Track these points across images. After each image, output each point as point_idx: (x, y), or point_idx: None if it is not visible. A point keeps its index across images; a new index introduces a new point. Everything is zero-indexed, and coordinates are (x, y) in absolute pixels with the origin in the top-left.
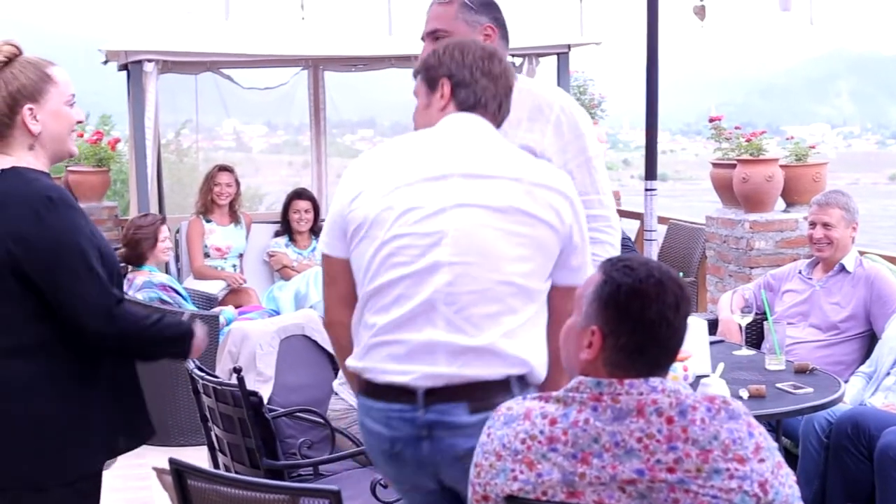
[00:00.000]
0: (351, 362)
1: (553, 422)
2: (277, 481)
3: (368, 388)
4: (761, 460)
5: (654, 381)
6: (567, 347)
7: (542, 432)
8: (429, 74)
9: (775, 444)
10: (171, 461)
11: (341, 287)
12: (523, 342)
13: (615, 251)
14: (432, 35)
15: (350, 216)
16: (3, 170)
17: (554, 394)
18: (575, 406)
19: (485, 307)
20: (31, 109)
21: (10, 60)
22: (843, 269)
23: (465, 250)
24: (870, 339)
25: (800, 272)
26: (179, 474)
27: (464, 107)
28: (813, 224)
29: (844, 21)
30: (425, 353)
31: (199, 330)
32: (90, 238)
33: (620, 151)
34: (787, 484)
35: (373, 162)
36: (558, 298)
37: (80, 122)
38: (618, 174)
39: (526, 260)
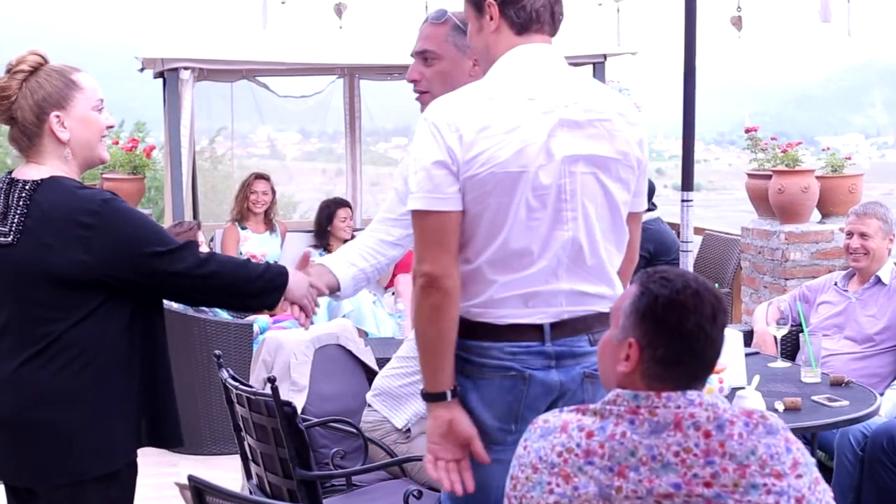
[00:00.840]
0: (467, 307)
1: (590, 434)
2: None
3: (487, 330)
4: (799, 476)
5: (692, 394)
6: (603, 361)
7: (578, 445)
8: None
9: (813, 460)
10: (190, 479)
11: (453, 244)
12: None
13: None
14: (421, 55)
15: (471, 163)
16: (42, 179)
17: (591, 406)
18: (612, 419)
19: (603, 253)
20: (57, 117)
21: (35, 70)
22: (878, 280)
23: (588, 202)
24: None
25: (835, 284)
26: (199, 492)
27: (518, 27)
28: (850, 234)
29: (879, 31)
30: (550, 298)
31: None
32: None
33: (654, 161)
34: (824, 500)
35: (476, 112)
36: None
37: (110, 126)
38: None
39: (626, 203)
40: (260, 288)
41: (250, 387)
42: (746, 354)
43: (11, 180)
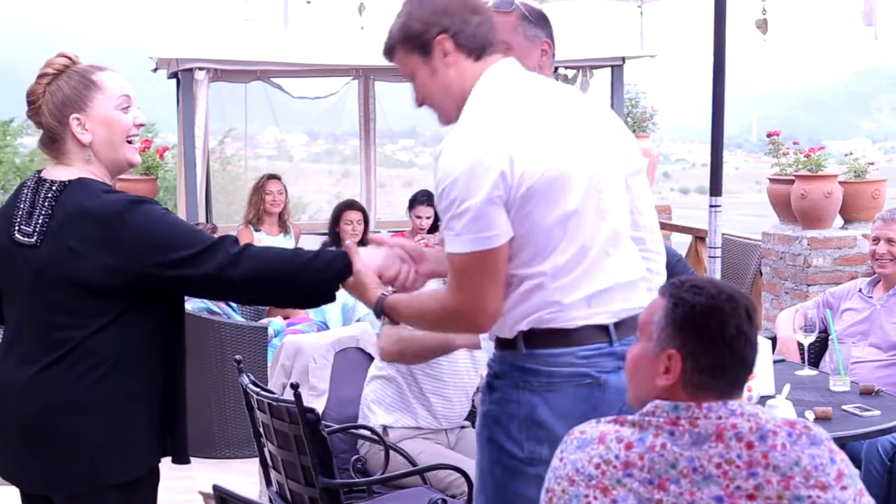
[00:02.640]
0: (535, 319)
1: (629, 446)
2: None
3: (557, 336)
4: (843, 487)
5: (733, 404)
6: (638, 376)
7: (617, 457)
8: (416, 42)
9: (857, 471)
10: (215, 488)
11: (503, 273)
12: None
13: None
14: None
15: (516, 183)
16: (70, 181)
17: (629, 417)
18: (651, 430)
19: (629, 244)
20: (77, 119)
21: (60, 72)
22: None
23: (612, 198)
24: None
25: (860, 291)
26: (223, 501)
27: (475, 54)
28: (876, 240)
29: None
30: (608, 295)
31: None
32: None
33: (661, 164)
34: None
35: (509, 131)
36: None
37: (140, 125)
38: (658, 187)
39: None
40: (311, 279)
41: (272, 393)
42: (773, 362)
43: (40, 179)
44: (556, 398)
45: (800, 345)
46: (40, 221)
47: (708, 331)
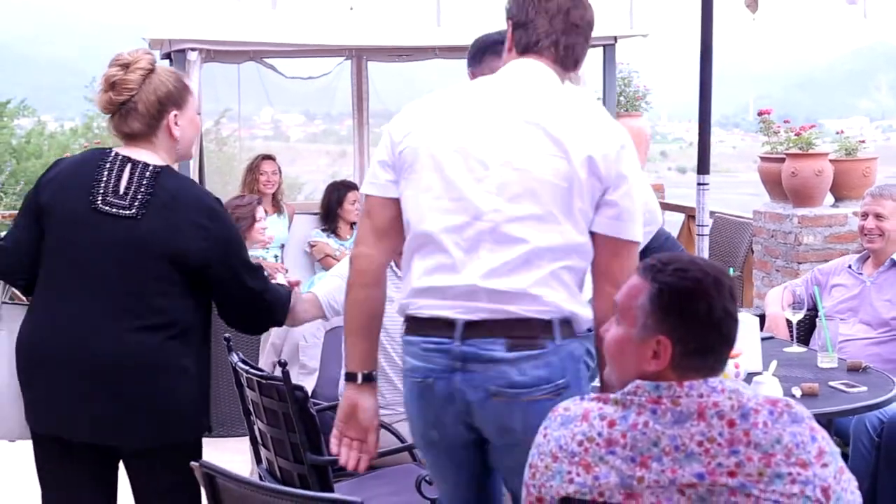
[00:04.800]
0: (399, 299)
1: (612, 424)
2: (303, 491)
3: (411, 325)
4: (824, 465)
5: (714, 381)
6: (623, 360)
7: (600, 434)
8: (507, 16)
9: (838, 449)
10: (202, 464)
11: (376, 220)
12: (558, 290)
13: None
14: None
15: (402, 153)
16: (161, 166)
17: (612, 395)
18: (634, 408)
19: (533, 259)
20: (175, 115)
21: (153, 69)
22: (894, 264)
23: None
24: None
25: (849, 267)
26: (210, 478)
27: (520, 49)
28: (865, 215)
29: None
30: (468, 294)
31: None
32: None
33: (658, 143)
34: (849, 490)
35: (425, 105)
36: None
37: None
38: (655, 166)
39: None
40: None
41: (260, 371)
42: (761, 339)
43: (126, 158)
44: (406, 389)
45: (788, 322)
46: (139, 197)
47: (697, 316)
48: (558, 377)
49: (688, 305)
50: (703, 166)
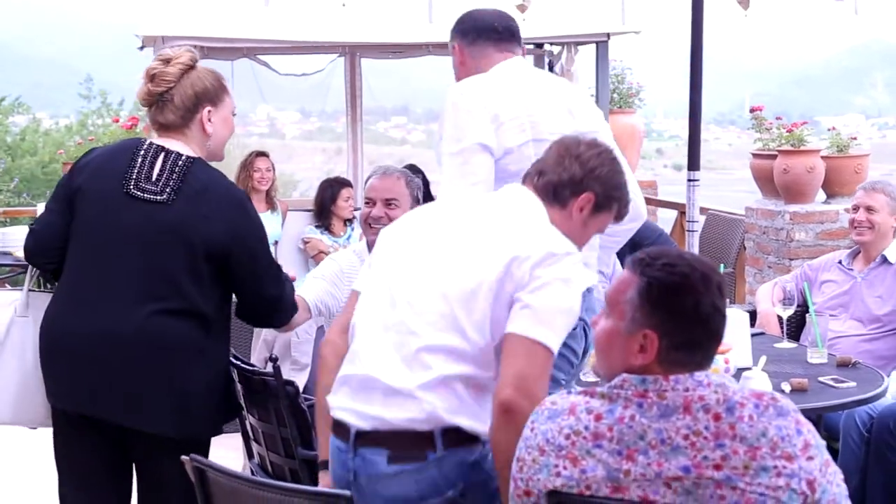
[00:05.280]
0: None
1: (598, 417)
2: (292, 485)
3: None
4: (809, 458)
5: (700, 375)
6: (611, 354)
7: (587, 428)
8: None
9: (823, 442)
10: (192, 458)
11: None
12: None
13: None
14: None
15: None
16: (194, 157)
17: (598, 389)
18: (620, 402)
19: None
20: (209, 111)
21: (193, 66)
22: (885, 260)
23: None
24: None
25: (840, 262)
26: (200, 472)
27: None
28: (856, 208)
29: (882, 11)
30: (365, 390)
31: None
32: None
33: (654, 141)
34: (834, 482)
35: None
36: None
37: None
38: (651, 163)
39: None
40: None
41: (252, 366)
42: (752, 335)
43: (160, 147)
44: None
45: (779, 318)
46: (171, 184)
47: (684, 310)
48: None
49: (675, 300)
50: (693, 162)
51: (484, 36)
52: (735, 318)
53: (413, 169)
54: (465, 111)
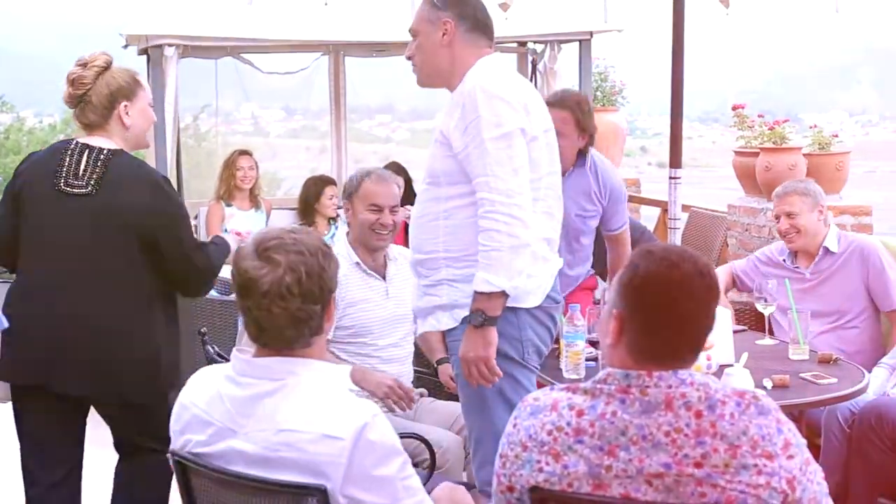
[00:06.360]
0: None
1: (580, 413)
2: (271, 477)
3: None
4: (790, 457)
5: (683, 373)
6: (601, 337)
7: (569, 424)
8: None
9: (804, 441)
10: (173, 453)
11: None
12: None
13: (503, 237)
14: (412, 33)
15: None
16: (113, 150)
17: (581, 385)
18: (603, 398)
19: None
20: (125, 106)
21: (107, 67)
22: (828, 251)
23: None
24: (875, 321)
25: (784, 262)
26: (182, 467)
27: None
28: (777, 217)
29: (866, 10)
30: None
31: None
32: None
33: (638, 138)
34: (815, 481)
35: None
36: None
37: (153, 121)
38: (635, 161)
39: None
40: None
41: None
42: (734, 331)
43: (85, 145)
44: None
45: (760, 314)
46: (94, 177)
47: (644, 294)
48: None
49: (640, 284)
50: (674, 160)
51: (481, 28)
52: (717, 314)
53: (396, 167)
54: (499, 98)
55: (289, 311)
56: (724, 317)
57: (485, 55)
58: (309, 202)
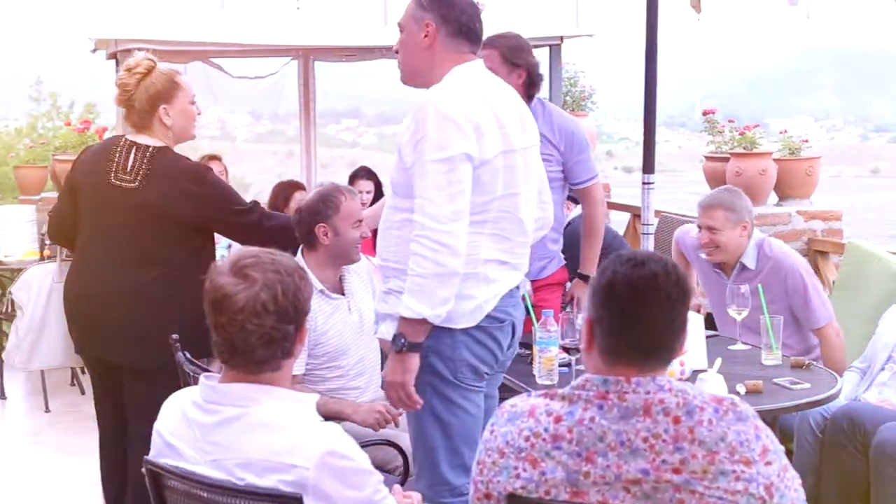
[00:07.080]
0: None
1: (558, 419)
2: (247, 485)
3: None
4: (768, 463)
5: (661, 379)
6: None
7: (546, 430)
8: None
9: (782, 448)
10: (147, 461)
11: None
12: None
13: (429, 264)
14: (399, 27)
15: None
16: (158, 147)
17: (560, 391)
18: (580, 404)
19: None
20: (165, 108)
21: (149, 71)
22: (744, 267)
23: None
24: (804, 333)
25: (712, 267)
26: (155, 476)
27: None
28: (699, 228)
29: (830, 15)
30: None
31: None
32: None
33: (604, 143)
34: (792, 487)
35: None
36: None
37: (199, 113)
38: (601, 165)
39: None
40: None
41: (209, 371)
42: (707, 337)
43: (132, 143)
44: None
45: (733, 320)
46: (141, 172)
47: (612, 295)
48: None
49: (605, 288)
50: (647, 165)
51: (465, 33)
52: (689, 320)
53: (367, 172)
54: (449, 119)
55: (263, 328)
56: (696, 322)
57: (466, 62)
58: (277, 207)
